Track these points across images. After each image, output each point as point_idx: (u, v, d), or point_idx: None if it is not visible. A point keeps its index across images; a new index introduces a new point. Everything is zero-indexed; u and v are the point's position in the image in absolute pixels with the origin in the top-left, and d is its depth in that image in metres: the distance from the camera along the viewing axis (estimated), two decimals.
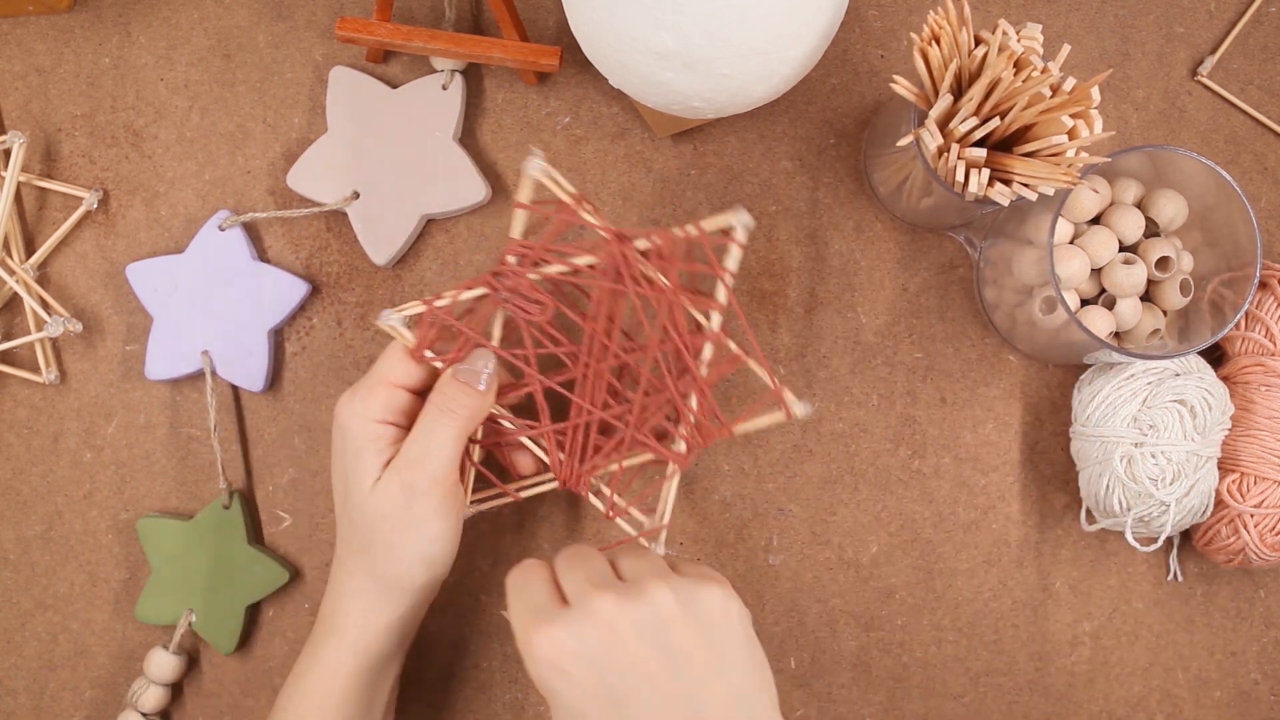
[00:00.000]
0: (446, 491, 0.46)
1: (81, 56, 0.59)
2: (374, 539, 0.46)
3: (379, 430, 0.46)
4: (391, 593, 0.47)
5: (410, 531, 0.46)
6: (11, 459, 0.58)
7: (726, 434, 0.48)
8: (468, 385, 0.46)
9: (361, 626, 0.47)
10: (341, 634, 0.47)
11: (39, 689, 0.57)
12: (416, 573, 0.46)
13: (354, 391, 0.47)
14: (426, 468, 0.45)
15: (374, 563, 0.46)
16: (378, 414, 0.47)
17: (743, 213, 0.45)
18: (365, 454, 0.46)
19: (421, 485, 0.45)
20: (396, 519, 0.46)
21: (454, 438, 0.46)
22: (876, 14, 0.59)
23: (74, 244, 0.58)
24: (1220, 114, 0.58)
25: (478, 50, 0.54)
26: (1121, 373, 0.53)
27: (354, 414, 0.47)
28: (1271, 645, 0.57)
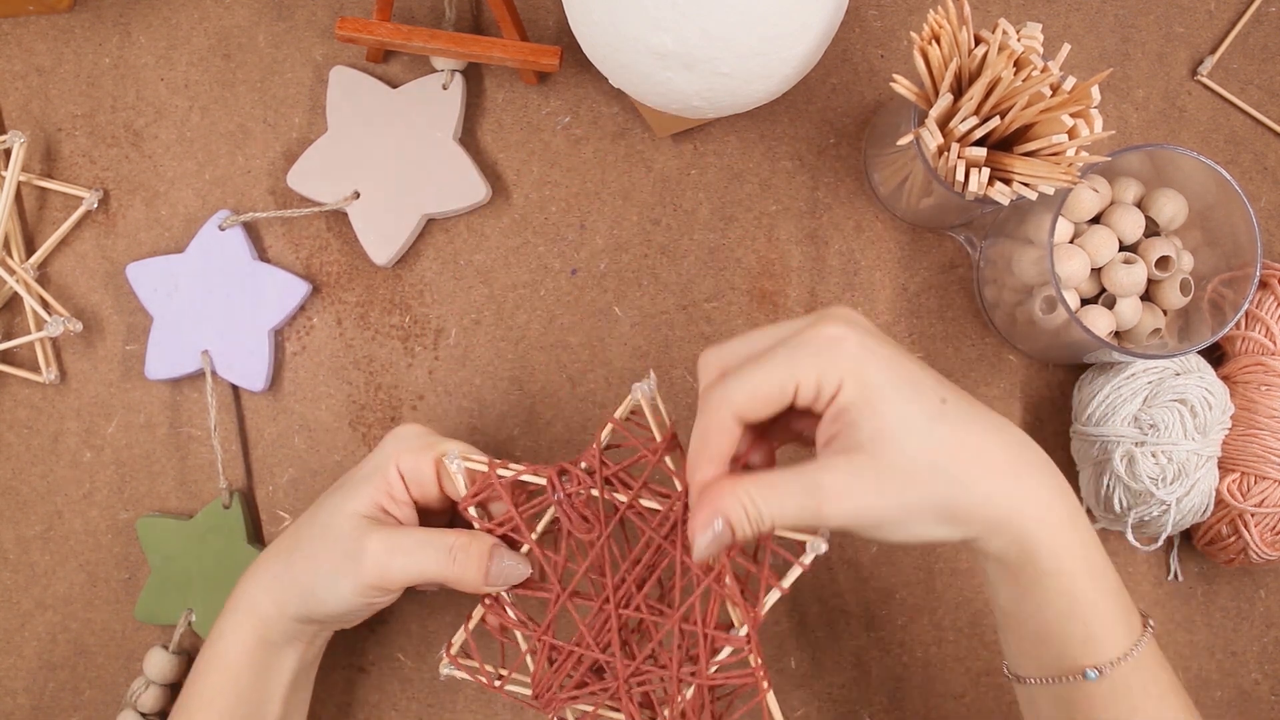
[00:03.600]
0: (379, 586, 0.45)
1: (81, 56, 0.59)
2: (306, 542, 0.46)
3: (394, 477, 0.46)
4: (283, 592, 0.46)
5: (333, 572, 0.45)
6: (11, 459, 0.57)
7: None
8: (483, 570, 0.45)
9: (258, 606, 0.47)
10: (236, 606, 0.47)
11: (39, 689, 0.57)
12: (308, 597, 0.46)
13: (418, 432, 0.47)
14: (388, 559, 0.44)
15: (291, 559, 0.46)
16: (405, 466, 0.46)
17: (820, 543, 0.39)
18: (370, 483, 0.46)
19: (370, 562, 0.44)
20: (329, 546, 0.45)
21: (430, 573, 0.45)
22: (876, 14, 0.59)
23: (74, 244, 0.58)
24: (1220, 114, 0.58)
25: (478, 50, 0.54)
26: (1122, 372, 0.53)
27: (395, 443, 0.46)
28: (1272, 645, 0.57)
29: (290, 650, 0.48)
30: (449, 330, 0.57)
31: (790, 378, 0.38)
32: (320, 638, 0.49)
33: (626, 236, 0.58)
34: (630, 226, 0.58)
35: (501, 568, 0.45)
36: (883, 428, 0.38)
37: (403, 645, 0.56)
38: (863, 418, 0.38)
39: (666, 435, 0.43)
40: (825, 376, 0.38)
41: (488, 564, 0.45)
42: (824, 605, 0.56)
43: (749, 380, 0.39)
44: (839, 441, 0.39)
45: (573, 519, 0.45)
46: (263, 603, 0.47)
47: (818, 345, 0.38)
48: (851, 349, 0.38)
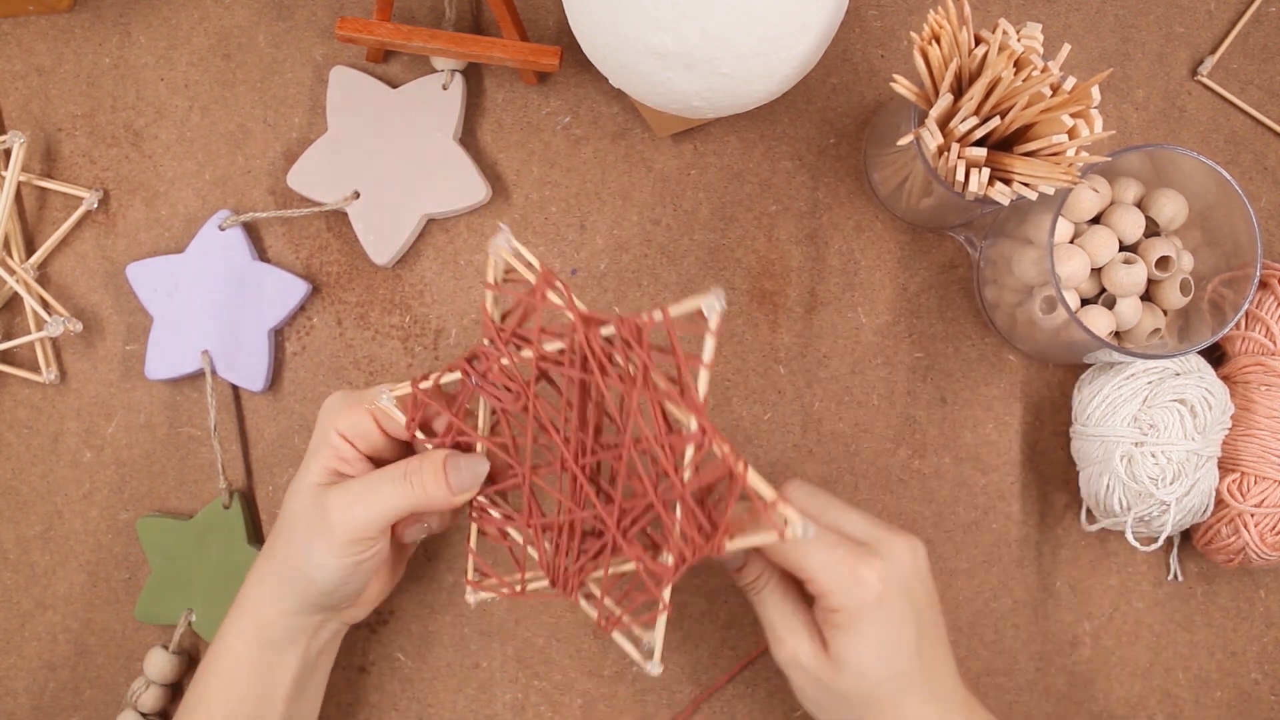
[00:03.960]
0: (355, 539, 0.45)
1: (81, 56, 0.59)
2: (282, 530, 0.47)
3: (337, 441, 0.46)
4: (279, 585, 0.46)
5: (297, 542, 0.46)
6: (11, 459, 0.57)
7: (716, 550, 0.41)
8: (444, 479, 0.45)
9: (257, 608, 0.47)
10: (237, 606, 0.48)
11: (39, 689, 0.57)
12: (298, 579, 0.46)
13: (342, 395, 0.47)
14: (349, 509, 0.44)
15: (274, 551, 0.47)
16: (342, 427, 0.46)
17: (715, 295, 0.38)
18: (316, 455, 0.46)
19: (336, 519, 0.44)
20: (295, 524, 0.46)
21: (396, 506, 0.45)
22: (876, 14, 0.59)
23: (74, 244, 0.58)
24: (1220, 114, 0.58)
25: (478, 50, 0.54)
26: (1122, 372, 0.53)
27: (327, 413, 0.47)
28: (1272, 645, 0.57)
29: (292, 650, 0.47)
30: (449, 330, 0.57)
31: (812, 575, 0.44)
32: (323, 633, 0.49)
33: (626, 236, 0.58)
34: (630, 226, 0.58)
35: (460, 472, 0.45)
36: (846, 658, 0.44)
37: (403, 645, 0.56)
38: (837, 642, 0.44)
39: (541, 275, 0.42)
40: (834, 595, 0.43)
41: (444, 474, 0.45)
42: None
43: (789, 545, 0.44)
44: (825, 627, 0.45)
45: (499, 395, 0.44)
46: (260, 603, 0.47)
47: (852, 576, 0.43)
48: (868, 596, 0.43)
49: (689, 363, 0.40)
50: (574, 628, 0.56)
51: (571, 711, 0.56)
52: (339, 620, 0.50)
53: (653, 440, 0.41)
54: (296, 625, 0.47)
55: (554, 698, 0.56)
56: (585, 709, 0.56)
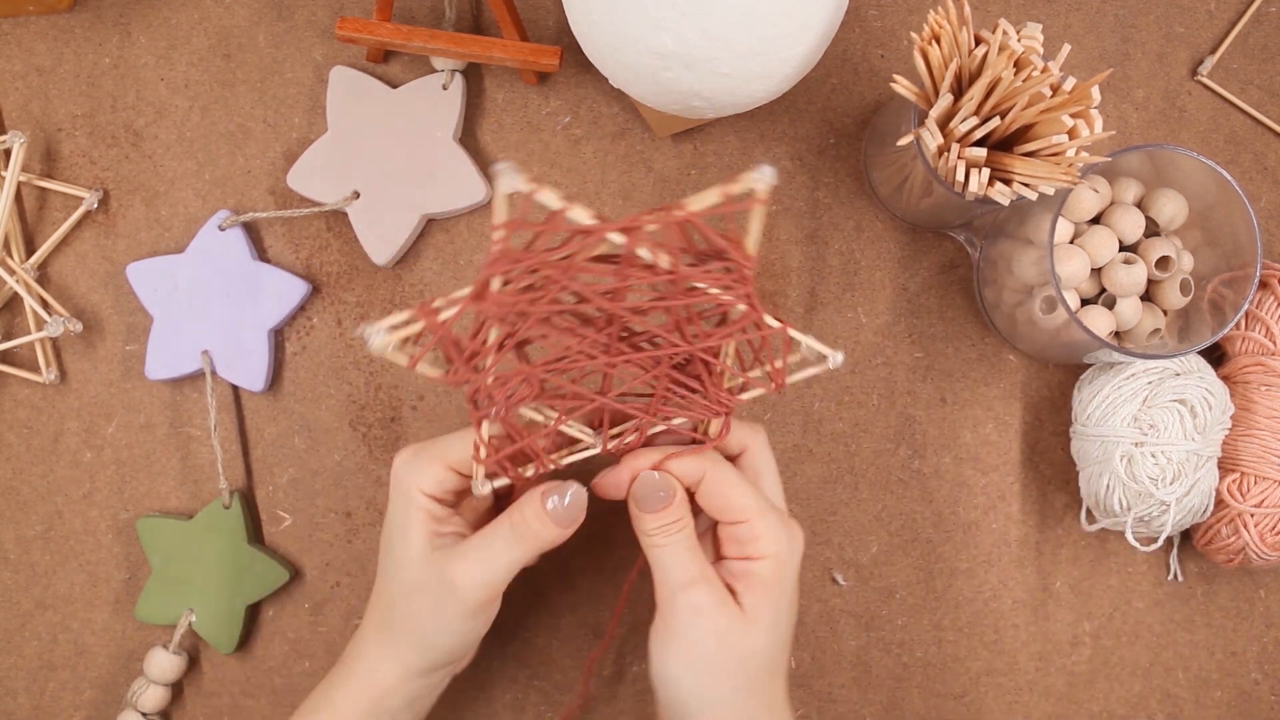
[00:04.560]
0: (485, 601, 0.44)
1: (81, 56, 0.59)
2: (397, 600, 0.45)
3: (428, 503, 0.45)
4: (401, 653, 0.45)
5: (421, 611, 0.45)
6: (11, 459, 0.57)
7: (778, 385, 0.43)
8: (549, 521, 0.44)
9: (376, 676, 0.46)
10: (350, 675, 0.46)
11: (39, 689, 0.57)
12: (427, 647, 0.45)
13: (415, 453, 0.46)
14: (476, 574, 0.44)
15: (392, 621, 0.46)
16: (427, 487, 0.45)
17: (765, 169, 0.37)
18: (412, 522, 0.45)
19: (464, 585, 0.43)
20: (411, 593, 0.45)
21: (516, 560, 0.44)
22: (876, 14, 0.59)
23: (74, 244, 0.58)
24: (1220, 114, 0.58)
25: (478, 50, 0.54)
26: (1121, 372, 0.53)
27: (406, 475, 0.45)
28: (1272, 645, 0.57)
29: (406, 714, 0.47)
30: None
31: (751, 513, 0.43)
32: (437, 690, 0.48)
33: None
34: None
35: (563, 510, 0.44)
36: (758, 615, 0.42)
37: None
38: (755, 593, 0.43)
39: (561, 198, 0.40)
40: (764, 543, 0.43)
41: (548, 517, 0.44)
42: (824, 605, 0.56)
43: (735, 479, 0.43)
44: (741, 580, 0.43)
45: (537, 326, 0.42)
46: (378, 671, 0.46)
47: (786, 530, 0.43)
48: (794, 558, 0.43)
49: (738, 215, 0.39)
50: (574, 627, 0.56)
51: (571, 711, 0.56)
52: (450, 674, 0.49)
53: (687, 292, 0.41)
54: (416, 689, 0.46)
55: (554, 698, 0.56)
56: (584, 709, 0.56)
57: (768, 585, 0.42)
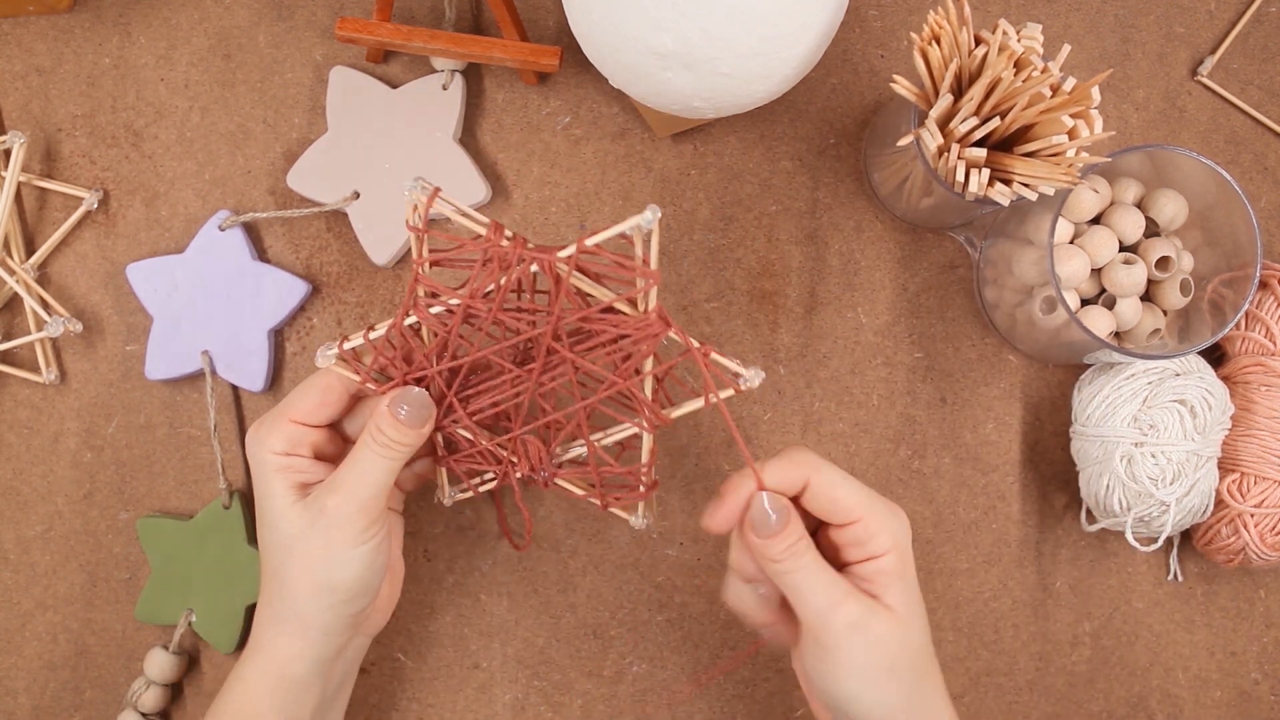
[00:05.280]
0: (370, 520, 0.45)
1: (81, 56, 0.59)
2: (282, 561, 0.46)
3: (281, 460, 0.46)
4: (299, 617, 0.45)
5: (306, 558, 0.45)
6: (11, 459, 0.57)
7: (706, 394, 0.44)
8: (401, 422, 0.45)
9: (269, 649, 0.46)
10: (253, 652, 0.46)
11: (39, 689, 0.57)
12: (314, 605, 0.45)
13: (259, 423, 0.47)
14: (348, 494, 0.44)
15: (283, 585, 0.46)
16: (279, 447, 0.46)
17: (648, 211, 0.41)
18: (271, 482, 0.46)
19: (341, 509, 0.44)
20: (293, 545, 0.45)
21: (387, 469, 0.45)
22: (876, 14, 0.59)
23: (74, 244, 0.58)
24: (1220, 114, 0.58)
25: (478, 50, 0.54)
26: (1121, 372, 0.53)
27: (256, 444, 0.47)
28: (1271, 645, 0.57)
29: (316, 683, 0.47)
30: None
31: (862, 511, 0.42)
32: (346, 656, 0.48)
33: None
34: None
35: (408, 407, 0.45)
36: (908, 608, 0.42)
37: (403, 645, 0.56)
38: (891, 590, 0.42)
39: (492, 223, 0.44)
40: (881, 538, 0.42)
41: (402, 423, 0.45)
42: None
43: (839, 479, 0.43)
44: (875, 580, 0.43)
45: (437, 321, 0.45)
46: (279, 640, 0.46)
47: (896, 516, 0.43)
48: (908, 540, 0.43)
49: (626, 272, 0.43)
50: (574, 627, 0.56)
51: (571, 711, 0.56)
52: (361, 635, 0.49)
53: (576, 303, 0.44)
54: (319, 657, 0.46)
55: (554, 698, 0.56)
56: (585, 709, 0.56)
57: (902, 576, 0.42)
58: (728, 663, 0.56)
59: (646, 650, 0.56)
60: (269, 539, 0.46)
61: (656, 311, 0.44)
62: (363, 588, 0.46)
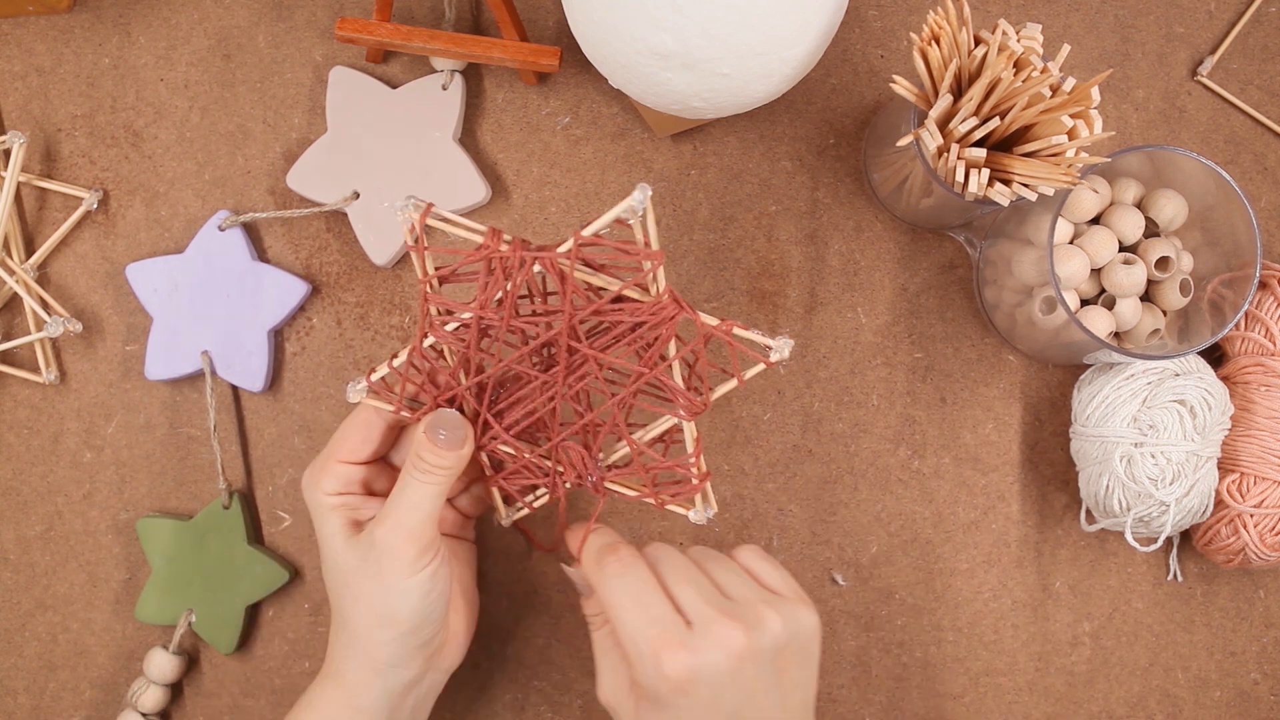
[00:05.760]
0: (423, 547, 0.45)
1: (81, 56, 0.59)
2: (343, 597, 0.46)
3: (334, 500, 0.47)
4: (364, 649, 0.46)
5: (363, 592, 0.45)
6: (11, 459, 0.58)
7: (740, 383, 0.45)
8: (439, 446, 0.45)
9: (339, 676, 0.47)
10: (325, 677, 0.47)
11: (39, 689, 0.57)
12: (377, 637, 0.45)
13: (311, 467, 0.48)
14: (394, 525, 0.45)
15: (347, 620, 0.46)
16: (331, 487, 0.47)
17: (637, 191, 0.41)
18: (326, 522, 0.47)
19: (389, 540, 0.45)
20: (351, 577, 0.46)
21: (429, 495, 0.45)
22: (876, 14, 0.59)
23: (74, 244, 0.58)
24: (1220, 114, 0.58)
25: (478, 50, 0.54)
26: (1121, 373, 0.53)
27: (310, 487, 0.47)
28: (1271, 645, 0.57)
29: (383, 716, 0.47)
30: None
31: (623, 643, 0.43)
32: (418, 690, 0.48)
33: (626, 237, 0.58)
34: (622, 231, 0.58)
35: (441, 430, 0.45)
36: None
37: None
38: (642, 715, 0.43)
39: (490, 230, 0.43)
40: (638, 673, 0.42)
41: (441, 447, 0.45)
42: (824, 605, 0.56)
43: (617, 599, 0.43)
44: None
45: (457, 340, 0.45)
46: (347, 667, 0.46)
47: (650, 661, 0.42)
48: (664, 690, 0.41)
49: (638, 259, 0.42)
50: (574, 628, 0.56)
51: (571, 711, 0.56)
52: (434, 670, 0.49)
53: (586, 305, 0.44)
54: (389, 686, 0.46)
55: (554, 698, 0.56)
56: (585, 709, 0.56)
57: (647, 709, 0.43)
58: None
59: None
60: (331, 576, 0.47)
61: (668, 293, 0.43)
62: (423, 618, 0.46)
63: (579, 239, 0.42)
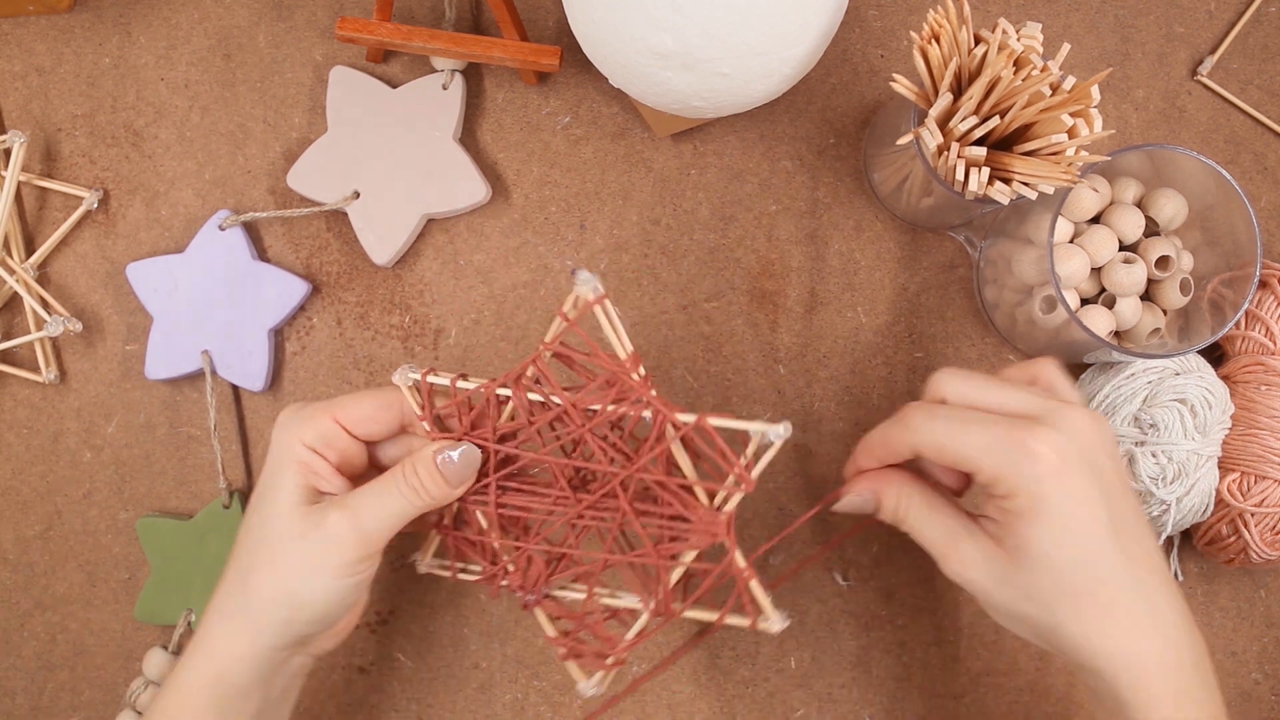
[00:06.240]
0: (367, 554, 0.43)
1: (81, 56, 0.59)
2: (258, 557, 0.43)
3: (306, 455, 0.44)
4: (251, 619, 0.43)
5: (283, 564, 0.43)
6: (11, 459, 0.57)
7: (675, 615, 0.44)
8: (440, 475, 0.44)
9: (217, 649, 0.43)
10: (193, 652, 0.44)
11: (38, 689, 0.57)
12: (271, 612, 0.43)
13: (297, 408, 0.45)
14: (354, 517, 0.43)
15: (247, 582, 0.43)
16: (308, 439, 0.44)
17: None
18: (285, 473, 0.44)
19: (340, 531, 0.42)
20: (278, 545, 0.43)
21: (403, 512, 0.43)
22: (876, 14, 0.59)
23: (74, 244, 0.58)
24: (1220, 114, 0.58)
25: (478, 50, 0.54)
26: (1122, 372, 0.53)
27: (286, 429, 0.44)
28: (1272, 645, 0.57)
29: (255, 692, 0.44)
30: (449, 330, 0.57)
31: (976, 463, 0.40)
32: (287, 670, 0.46)
33: (626, 236, 0.58)
34: (630, 226, 0.58)
35: (454, 465, 0.44)
36: (1028, 550, 0.40)
37: (402, 645, 0.56)
38: (1017, 532, 0.40)
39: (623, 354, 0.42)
40: (1004, 479, 0.40)
41: (438, 470, 0.44)
42: (824, 605, 0.56)
43: (944, 436, 0.41)
44: (993, 525, 0.41)
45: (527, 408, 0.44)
46: (223, 643, 0.43)
47: (1018, 451, 0.39)
48: (1042, 471, 0.39)
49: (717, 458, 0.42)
50: None
51: (571, 711, 0.56)
52: (306, 654, 0.46)
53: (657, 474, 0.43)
54: (262, 665, 0.43)
55: (554, 698, 0.56)
56: (585, 709, 0.56)
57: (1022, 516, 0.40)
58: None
59: (645, 650, 0.56)
60: (254, 532, 0.44)
61: (727, 517, 0.42)
62: (324, 616, 0.44)
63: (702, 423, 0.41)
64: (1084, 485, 0.39)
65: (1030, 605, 0.40)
